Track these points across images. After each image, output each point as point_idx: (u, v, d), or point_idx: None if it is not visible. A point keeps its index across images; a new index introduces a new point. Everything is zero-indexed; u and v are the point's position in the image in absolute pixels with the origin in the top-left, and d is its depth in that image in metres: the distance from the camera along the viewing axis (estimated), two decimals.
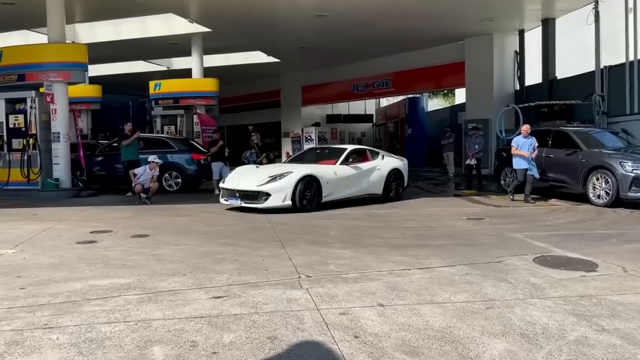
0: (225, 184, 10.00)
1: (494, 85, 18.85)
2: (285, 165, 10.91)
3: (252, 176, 9.84)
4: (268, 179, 9.46)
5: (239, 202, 9.49)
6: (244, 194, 9.51)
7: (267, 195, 9.27)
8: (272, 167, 11.20)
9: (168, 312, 4.02)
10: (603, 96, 14.73)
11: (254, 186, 9.44)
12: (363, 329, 3.64)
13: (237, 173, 10.37)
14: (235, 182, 9.79)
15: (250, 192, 9.48)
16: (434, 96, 36.55)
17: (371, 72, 24.33)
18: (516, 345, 3.36)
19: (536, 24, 18.03)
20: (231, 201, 9.66)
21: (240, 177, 9.94)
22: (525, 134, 11.10)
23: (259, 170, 10.46)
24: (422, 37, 19.39)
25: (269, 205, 9.24)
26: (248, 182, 9.63)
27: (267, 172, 9.91)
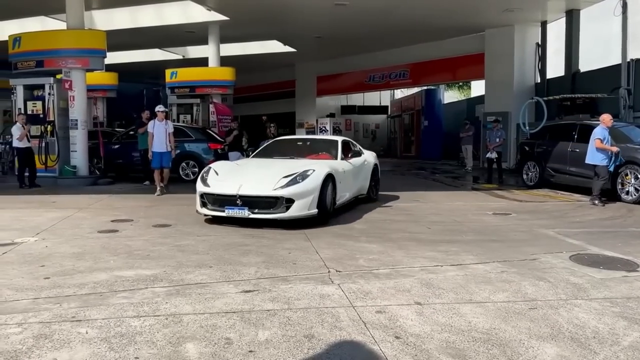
0: (214, 188, 7.17)
1: (514, 78, 18.51)
2: (275, 162, 8.16)
3: (254, 176, 7.34)
4: (284, 179, 6.97)
5: (244, 212, 6.86)
6: (252, 201, 6.89)
7: (289, 202, 6.82)
8: (263, 163, 8.18)
9: (198, 306, 3.89)
10: (629, 89, 14.35)
11: (268, 190, 6.89)
12: (403, 329, 3.48)
13: (225, 173, 7.59)
14: (231, 185, 7.09)
15: (263, 198, 6.91)
16: (449, 88, 36.11)
17: (388, 63, 24.03)
18: (568, 350, 3.18)
19: (559, 15, 17.62)
20: (229, 212, 6.93)
21: (234, 178, 7.28)
22: (607, 125, 9.63)
23: (254, 168, 7.88)
24: (440, 27, 19.05)
25: (292, 215, 6.83)
26: (256, 184, 7.04)
27: (275, 171, 7.37)
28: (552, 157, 11.97)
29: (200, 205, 7.31)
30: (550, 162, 12.04)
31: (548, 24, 18.43)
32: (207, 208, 7.23)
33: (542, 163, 12.34)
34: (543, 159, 12.31)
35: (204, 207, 7.26)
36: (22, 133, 11.68)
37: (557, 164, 11.82)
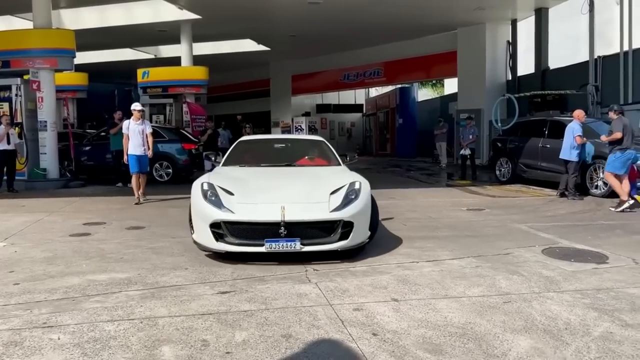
0: (242, 213, 5.02)
1: (486, 75, 18.80)
2: (279, 171, 6.40)
3: (289, 193, 5.35)
4: (335, 197, 5.25)
5: (294, 245, 4.86)
6: (300, 229, 4.95)
7: (346, 227, 5.05)
8: (270, 174, 6.28)
9: (174, 308, 3.84)
10: (597, 86, 14.72)
11: (324, 212, 5.05)
12: (380, 326, 3.49)
13: (242, 189, 5.39)
14: (267, 207, 5.02)
15: (316, 224, 5.06)
16: (423, 86, 36.45)
17: (362, 62, 24.14)
18: (541, 342, 3.24)
19: (529, 13, 17.96)
20: (272, 246, 4.84)
21: (264, 196, 5.26)
22: (581, 120, 9.72)
23: (271, 181, 5.92)
24: (414, 26, 19.23)
25: (352, 244, 5.10)
26: (303, 205, 5.10)
27: (306, 184, 5.66)
28: (524, 153, 12.19)
29: (215, 238, 4.97)
30: (522, 158, 12.26)
31: (518, 22, 18.78)
32: (226, 242, 4.94)
33: (514, 159, 12.56)
34: (515, 155, 12.52)
35: (221, 241, 4.96)
36: (1, 134, 11.20)
37: (528, 159, 12.04)
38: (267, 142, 8.10)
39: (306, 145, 7.69)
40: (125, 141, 9.50)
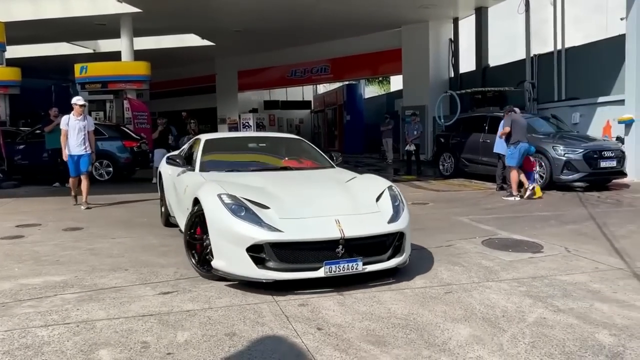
0: (292, 231, 4.01)
1: (430, 73, 19.22)
2: (287, 174, 5.49)
3: (331, 201, 4.50)
4: (384, 205, 4.55)
5: (356, 265, 4.03)
6: (357, 246, 4.12)
7: (399, 240, 4.38)
8: (281, 179, 5.19)
9: (112, 311, 3.71)
10: (533, 83, 15.35)
11: (382, 224, 4.31)
12: (325, 320, 3.50)
13: (276, 202, 4.32)
14: (319, 222, 4.11)
15: (374, 238, 4.27)
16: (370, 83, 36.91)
17: (309, 58, 24.13)
18: (480, 329, 3.34)
19: (469, 12, 18.49)
20: (332, 269, 3.95)
21: (305, 209, 4.27)
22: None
23: (301, 190, 4.84)
24: (359, 23, 19.39)
25: (405, 259, 4.46)
26: (357, 217, 4.29)
27: (339, 191, 4.79)
28: (466, 148, 12.57)
29: (257, 265, 3.94)
30: (464, 152, 12.63)
31: (460, 21, 19.29)
32: (271, 268, 3.94)
33: (456, 154, 12.92)
34: (457, 150, 12.88)
35: (263, 267, 3.94)
36: None
37: (470, 154, 12.41)
38: (241, 141, 6.90)
39: (287, 144, 6.64)
40: (63, 138, 8.58)
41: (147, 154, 14.02)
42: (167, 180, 6.52)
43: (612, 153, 10.23)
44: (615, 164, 10.23)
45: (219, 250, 4.12)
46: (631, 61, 11.47)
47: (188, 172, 5.55)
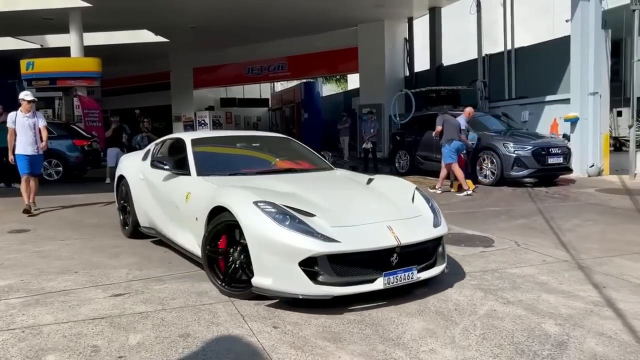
0: (349, 242, 3.60)
1: (386, 71, 19.47)
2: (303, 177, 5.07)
3: (368, 206, 4.18)
4: (422, 206, 4.31)
5: (412, 275, 3.75)
6: (412, 251, 3.84)
7: (439, 245, 4.14)
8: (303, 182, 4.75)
9: (61, 315, 3.58)
10: (485, 82, 15.78)
11: (429, 229, 4.06)
12: (281, 319, 3.50)
13: (319, 209, 3.88)
14: (369, 229, 3.77)
15: (424, 244, 3.97)
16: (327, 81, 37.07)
17: (266, 56, 24.01)
18: (433, 323, 3.41)
19: (424, 12, 18.84)
20: (390, 280, 3.64)
21: (351, 216, 3.90)
22: (467, 116, 10.40)
23: (333, 193, 4.48)
24: (316, 21, 19.44)
25: (443, 267, 4.11)
26: (404, 222, 3.97)
27: (369, 193, 4.52)
28: (421, 145, 12.80)
29: (313, 280, 3.50)
30: (419, 150, 12.86)
31: (414, 21, 19.63)
32: (325, 282, 3.52)
33: (412, 151, 13.14)
34: (413, 147, 13.11)
35: (316, 281, 3.51)
36: None
37: (425, 151, 12.65)
38: (230, 141, 6.07)
39: (278, 144, 6.17)
40: (10, 137, 7.85)
41: (98, 153, 13.63)
42: (137, 185, 5.68)
43: (559, 150, 10.65)
44: (562, 161, 10.65)
45: (262, 265, 3.58)
46: (575, 62, 11.95)
47: (181, 177, 4.84)
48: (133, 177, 5.86)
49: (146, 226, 5.60)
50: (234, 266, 3.85)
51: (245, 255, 3.75)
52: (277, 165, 5.40)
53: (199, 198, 4.37)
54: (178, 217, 4.77)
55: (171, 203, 4.92)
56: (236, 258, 3.84)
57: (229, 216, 3.82)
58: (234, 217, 3.76)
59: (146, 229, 5.60)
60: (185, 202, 4.60)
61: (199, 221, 4.19)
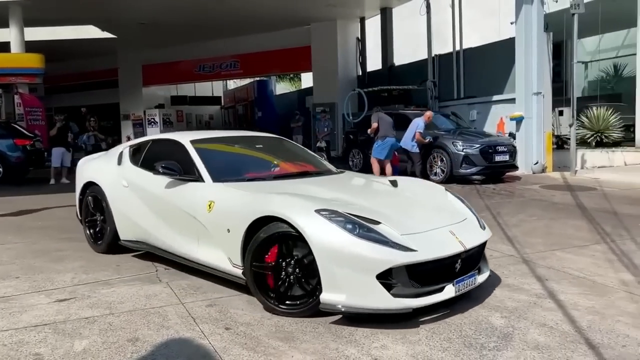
0: (425, 250, 3.38)
1: (339, 71, 19.59)
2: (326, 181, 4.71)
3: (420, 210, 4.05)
4: (467, 212, 4.19)
5: (474, 280, 3.71)
6: (469, 257, 3.74)
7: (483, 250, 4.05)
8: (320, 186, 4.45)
9: (1, 322, 3.42)
10: (435, 82, 16.14)
11: (480, 232, 3.99)
12: (234, 320, 3.46)
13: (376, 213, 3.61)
14: (439, 236, 3.60)
15: (478, 248, 3.89)
16: (281, 80, 36.97)
17: (218, 53, 23.69)
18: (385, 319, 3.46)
19: (375, 12, 19.08)
20: (460, 287, 3.54)
21: (409, 221, 3.68)
22: (427, 120, 10.65)
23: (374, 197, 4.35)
24: (268, 19, 19.34)
25: (488, 274, 4.00)
26: (457, 227, 3.79)
27: (405, 195, 4.41)
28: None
29: (391, 292, 3.27)
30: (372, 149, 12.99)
31: (366, 21, 19.84)
32: (402, 294, 3.31)
33: (365, 150, 13.27)
34: (366, 146, 13.22)
35: (392, 293, 3.28)
36: None
37: None
38: (230, 142, 5.53)
39: (277, 145, 5.76)
40: None
41: (42, 153, 13.09)
42: (118, 193, 4.97)
43: (505, 148, 11.02)
44: (508, 158, 11.04)
45: (334, 280, 3.28)
46: (520, 63, 12.39)
47: (191, 184, 4.29)
48: (111, 184, 5.08)
49: (131, 240, 4.89)
50: (289, 281, 3.49)
51: (301, 268, 3.44)
52: (284, 167, 5.02)
53: (229, 207, 3.89)
54: (196, 229, 4.12)
55: (182, 213, 4.27)
56: (290, 272, 3.48)
57: (283, 226, 3.44)
58: (288, 228, 3.42)
59: (131, 243, 4.89)
60: (207, 212, 4.00)
61: (233, 233, 3.73)
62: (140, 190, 4.80)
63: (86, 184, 5.44)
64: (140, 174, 4.91)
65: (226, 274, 3.87)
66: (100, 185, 5.20)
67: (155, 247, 4.66)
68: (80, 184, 5.57)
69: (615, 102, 16.02)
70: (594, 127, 14.17)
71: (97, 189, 5.25)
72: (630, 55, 15.74)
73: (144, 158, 5.08)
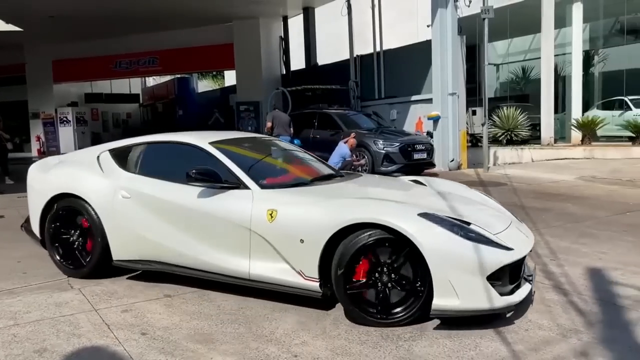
0: (517, 248, 3.44)
1: (262, 69, 19.45)
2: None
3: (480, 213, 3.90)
4: (503, 210, 4.27)
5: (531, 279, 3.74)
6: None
7: None
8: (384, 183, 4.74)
9: None
10: (357, 82, 16.46)
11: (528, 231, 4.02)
12: (151, 324, 3.36)
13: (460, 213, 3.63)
14: (514, 235, 3.65)
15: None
16: (203, 77, 36.23)
17: (136, 49, 22.77)
18: (306, 316, 3.49)
19: (298, 11, 19.14)
20: (531, 286, 3.65)
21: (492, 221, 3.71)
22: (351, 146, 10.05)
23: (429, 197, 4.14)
24: (189, 15, 18.84)
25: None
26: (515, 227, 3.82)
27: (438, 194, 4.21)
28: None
29: (497, 290, 3.25)
30: None
31: (289, 19, 19.86)
32: (503, 293, 3.30)
33: None
34: None
35: (497, 291, 3.25)
36: None
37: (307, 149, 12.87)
38: (242, 143, 4.97)
39: (276, 145, 5.54)
40: None
41: None
42: (117, 207, 4.23)
43: (423, 146, 11.45)
44: (426, 156, 11.47)
45: (447, 285, 3.18)
46: (436, 64, 12.90)
47: (234, 192, 3.86)
48: (102, 196, 4.30)
49: (132, 259, 4.22)
50: (386, 290, 3.31)
51: (401, 275, 3.30)
52: (307, 170, 4.76)
53: (301, 216, 3.56)
54: (247, 241, 3.70)
55: (226, 225, 3.79)
56: (386, 281, 3.31)
57: (376, 233, 3.28)
58: (385, 233, 3.27)
59: (131, 263, 4.23)
60: (268, 223, 3.61)
61: (308, 243, 3.45)
62: (154, 202, 4.12)
63: (55, 196, 4.48)
64: (150, 183, 4.21)
65: (294, 288, 3.54)
66: (84, 197, 4.32)
67: (173, 266, 4.05)
68: (44, 197, 4.53)
69: (523, 103, 17.16)
70: (504, 126, 15.05)
71: (77, 202, 4.36)
72: (537, 58, 16.85)
73: (141, 164, 4.46)
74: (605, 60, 18.52)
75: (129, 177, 4.36)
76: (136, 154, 4.58)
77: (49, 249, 4.53)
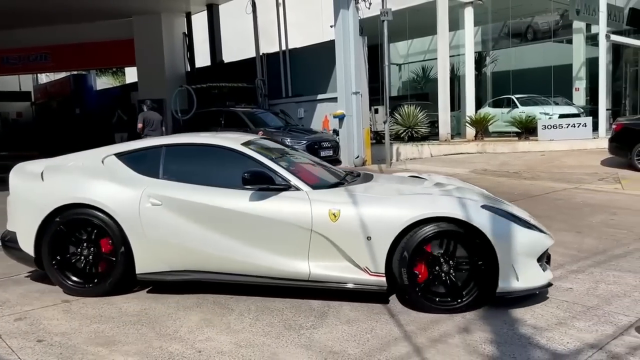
0: (550, 235, 3.92)
1: (166, 66, 18.91)
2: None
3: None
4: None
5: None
6: None
7: None
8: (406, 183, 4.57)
9: None
10: (264, 80, 16.52)
11: None
12: (48, 331, 3.26)
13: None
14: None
15: None
16: (102, 74, 34.45)
17: (26, 44, 21.20)
18: (210, 313, 3.55)
19: (202, 8, 18.82)
20: (548, 268, 3.93)
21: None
22: None
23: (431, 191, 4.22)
24: (84, 8, 17.86)
25: None
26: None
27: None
28: None
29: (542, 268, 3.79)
30: None
31: (193, 16, 19.46)
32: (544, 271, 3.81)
33: None
34: None
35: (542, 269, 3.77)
36: None
37: None
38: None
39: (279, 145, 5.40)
40: None
41: None
42: (146, 216, 3.88)
43: (329, 144, 11.79)
44: (332, 153, 11.82)
45: (510, 269, 3.54)
46: (340, 64, 13.27)
47: (287, 193, 3.81)
48: (126, 205, 3.91)
49: (162, 271, 3.89)
50: (450, 278, 3.55)
51: (456, 263, 3.56)
52: (315, 171, 4.62)
53: (366, 214, 3.62)
54: (306, 242, 3.68)
55: (284, 227, 3.71)
56: (446, 270, 3.55)
57: (442, 226, 3.53)
58: (452, 226, 3.53)
59: (160, 275, 3.89)
60: (332, 222, 3.64)
61: (376, 240, 3.57)
62: (192, 207, 3.86)
63: (59, 208, 3.95)
64: (184, 188, 3.93)
65: (358, 285, 3.62)
66: (100, 207, 3.90)
67: (215, 274, 3.84)
68: (43, 209, 3.95)
69: (423, 101, 18.10)
70: (405, 123, 15.81)
71: (89, 212, 3.92)
72: (434, 59, 17.83)
73: (165, 169, 4.12)
74: (496, 61, 20.03)
75: (155, 182, 4.03)
76: (155, 158, 4.23)
77: (50, 271, 3.97)
